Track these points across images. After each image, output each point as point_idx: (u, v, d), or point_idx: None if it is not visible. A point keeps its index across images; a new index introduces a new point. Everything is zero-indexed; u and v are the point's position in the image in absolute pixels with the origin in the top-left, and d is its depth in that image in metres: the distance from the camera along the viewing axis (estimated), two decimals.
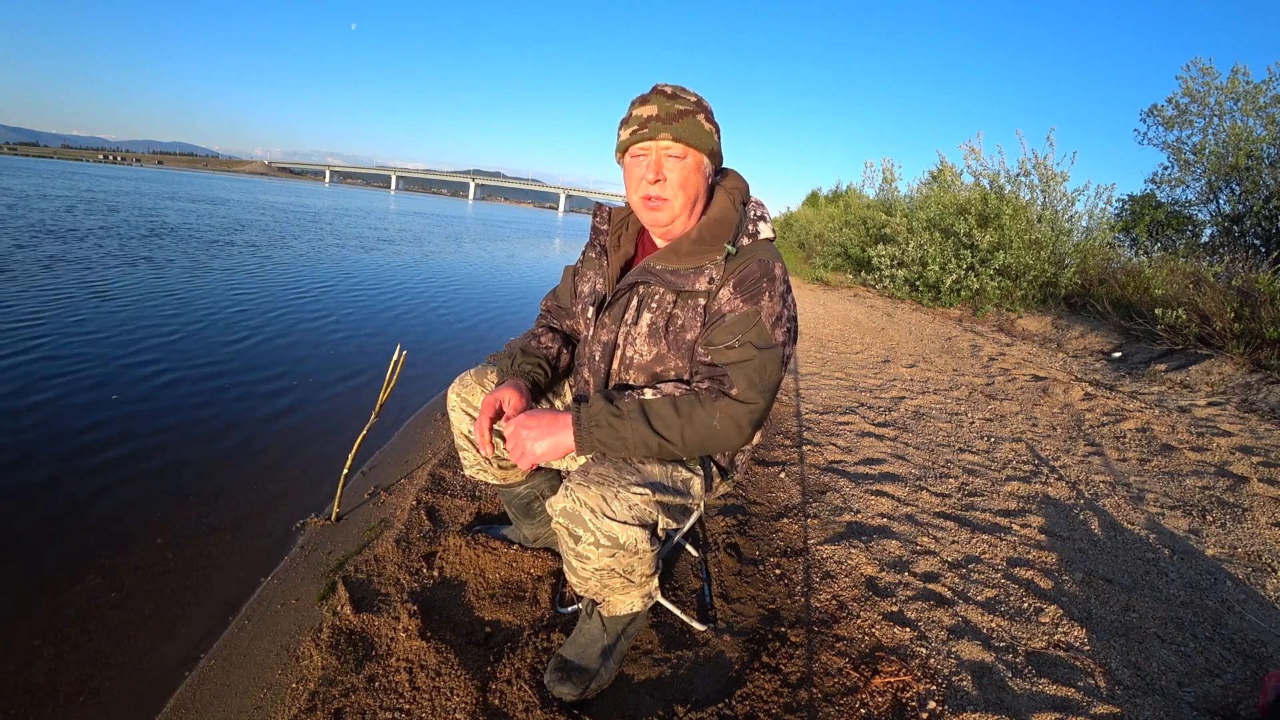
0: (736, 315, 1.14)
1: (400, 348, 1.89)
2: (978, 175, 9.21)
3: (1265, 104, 7.76)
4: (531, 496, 1.60)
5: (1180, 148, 8.90)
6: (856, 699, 1.33)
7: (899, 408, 3.58)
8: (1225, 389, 4.02)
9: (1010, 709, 1.32)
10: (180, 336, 3.88)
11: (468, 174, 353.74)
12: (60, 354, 3.27)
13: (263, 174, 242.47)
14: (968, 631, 1.57)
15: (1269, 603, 1.80)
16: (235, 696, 1.29)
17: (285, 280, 6.38)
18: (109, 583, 1.63)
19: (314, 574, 1.69)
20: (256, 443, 2.54)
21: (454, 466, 2.31)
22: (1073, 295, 7.30)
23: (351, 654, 1.35)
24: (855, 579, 1.77)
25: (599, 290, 1.32)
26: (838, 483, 2.44)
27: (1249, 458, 2.83)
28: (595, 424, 1.11)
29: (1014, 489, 2.51)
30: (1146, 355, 4.98)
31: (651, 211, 1.20)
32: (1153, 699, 1.38)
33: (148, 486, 2.12)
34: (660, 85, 1.18)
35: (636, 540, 1.10)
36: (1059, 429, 3.36)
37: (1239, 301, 4.61)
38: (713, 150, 1.20)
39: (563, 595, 1.59)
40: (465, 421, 1.42)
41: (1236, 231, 8.37)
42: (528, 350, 1.40)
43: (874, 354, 5.16)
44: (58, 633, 1.44)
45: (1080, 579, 1.85)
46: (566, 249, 17.52)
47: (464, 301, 6.56)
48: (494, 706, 1.23)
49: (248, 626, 1.50)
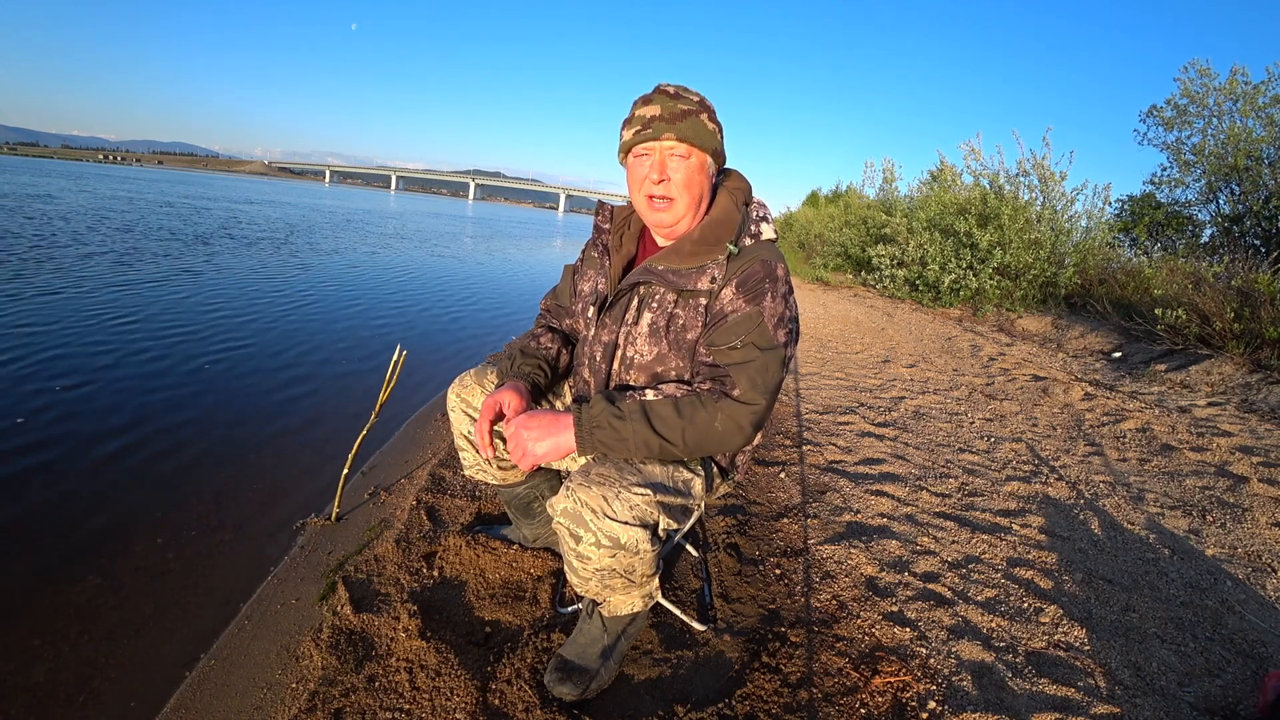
0: (739, 316, 1.13)
1: (400, 348, 1.89)
2: (977, 175, 9.22)
3: (1264, 104, 7.77)
4: (531, 497, 1.60)
5: (1180, 148, 8.91)
6: (856, 699, 1.33)
7: (899, 408, 3.58)
8: (1225, 389, 4.02)
9: (1010, 709, 1.32)
10: (179, 338, 3.88)
11: (468, 174, 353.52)
12: (60, 354, 3.27)
13: (263, 174, 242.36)
14: (968, 631, 1.57)
15: (1269, 603, 1.80)
16: (235, 696, 1.28)
17: (317, 282, 6.39)
18: (109, 583, 1.62)
19: (314, 574, 1.69)
20: (257, 442, 2.54)
21: (454, 466, 2.31)
22: (1073, 295, 7.31)
23: (351, 654, 1.35)
24: (855, 579, 1.77)
25: (600, 290, 1.32)
26: (838, 483, 2.44)
27: (1249, 458, 2.83)
28: (596, 425, 1.11)
29: (1014, 489, 2.51)
30: (1146, 355, 4.98)
31: (656, 212, 1.20)
32: (1153, 699, 1.39)
33: (148, 486, 2.11)
34: (663, 85, 1.18)
35: (637, 540, 1.10)
36: (1059, 429, 3.36)
37: (1239, 301, 4.61)
38: (716, 150, 1.20)
39: (563, 595, 1.59)
40: (465, 422, 1.42)
41: (1236, 232, 8.38)
42: (527, 351, 1.39)
43: (874, 354, 5.16)
44: (58, 633, 1.44)
45: (1080, 579, 1.85)
46: (567, 249, 17.51)
47: (465, 301, 6.56)
48: (494, 706, 1.23)
49: (248, 626, 1.50)
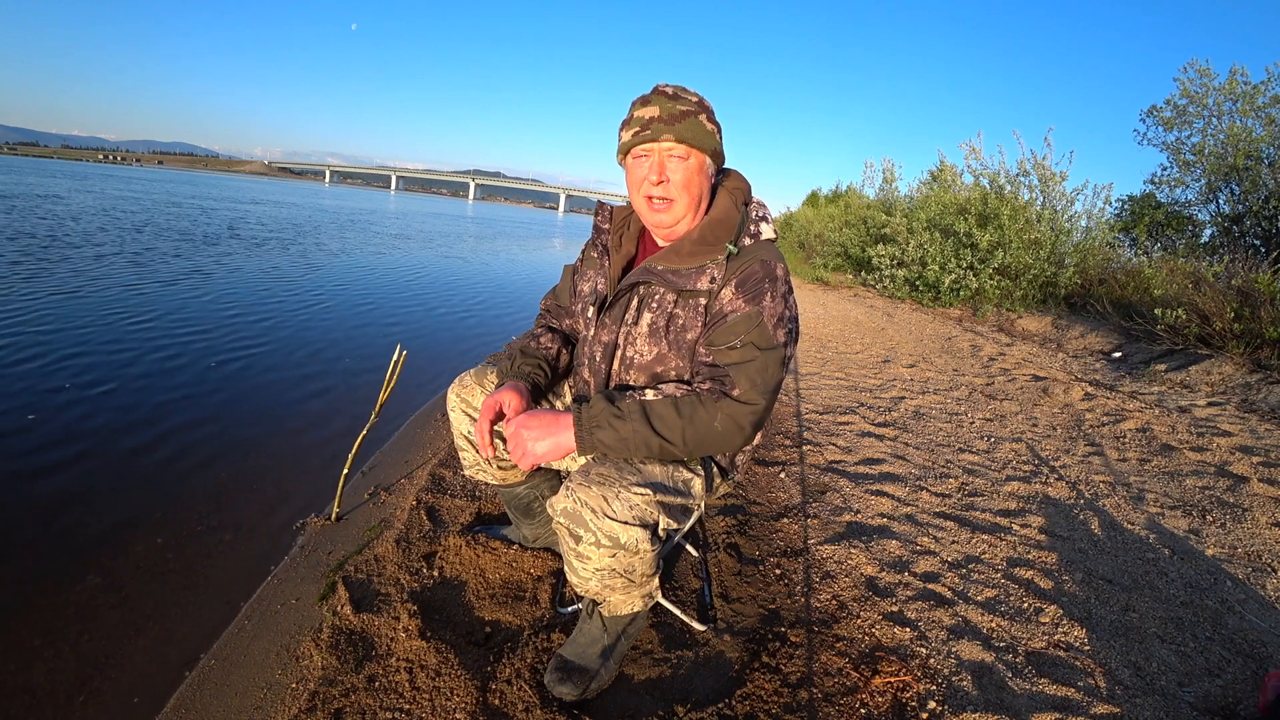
0: (738, 316, 1.13)
1: (400, 347, 1.89)
2: (978, 175, 9.22)
3: (1263, 104, 7.76)
4: (531, 497, 1.60)
5: (1179, 148, 8.90)
6: (856, 699, 1.33)
7: (899, 408, 3.58)
8: (1225, 389, 4.02)
9: (1010, 709, 1.32)
10: (191, 338, 3.88)
11: (468, 174, 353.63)
12: (61, 354, 3.27)
13: (263, 174, 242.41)
14: (968, 631, 1.57)
15: (1269, 603, 1.80)
16: (235, 696, 1.29)
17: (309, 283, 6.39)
18: (109, 583, 1.63)
19: (314, 574, 1.69)
20: (257, 443, 2.54)
21: (454, 466, 2.31)
22: (1073, 295, 7.31)
23: (351, 654, 1.35)
24: (855, 579, 1.77)
25: (600, 290, 1.32)
26: (838, 483, 2.44)
27: (1249, 458, 2.83)
28: (596, 425, 1.11)
29: (1014, 489, 2.51)
30: (1146, 355, 4.98)
31: (655, 213, 1.20)
32: (1153, 699, 1.39)
33: (148, 486, 2.12)
34: (661, 86, 1.18)
35: (637, 540, 1.10)
36: (1059, 429, 3.36)
37: (1239, 301, 4.61)
38: (715, 150, 1.20)
39: (563, 595, 1.59)
40: (465, 422, 1.42)
41: (1236, 231, 8.38)
42: (527, 351, 1.39)
43: (874, 354, 5.16)
44: (58, 633, 1.44)
45: (1080, 579, 1.85)
46: (567, 249, 17.52)
47: (466, 300, 6.56)
48: (494, 706, 1.23)
49: (248, 626, 1.50)
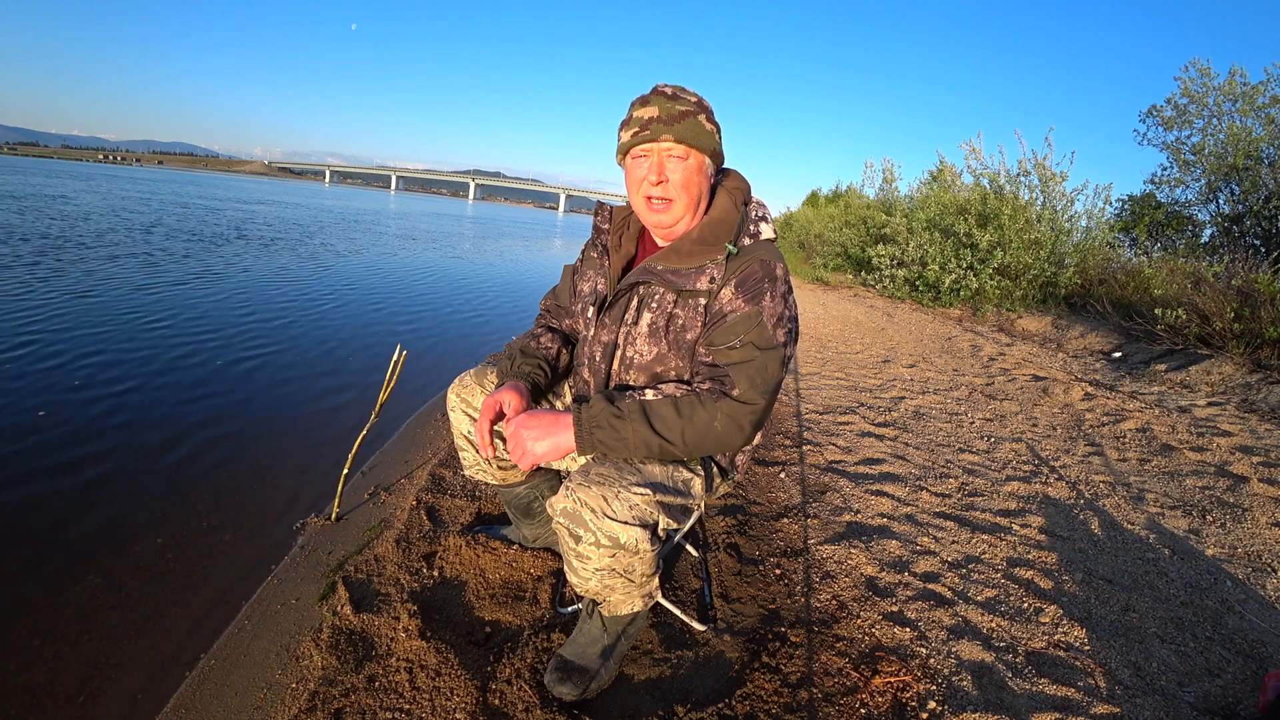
0: (738, 315, 1.13)
1: (400, 347, 1.89)
2: (978, 175, 9.21)
3: (1263, 104, 7.76)
4: (531, 497, 1.60)
5: (1179, 148, 8.90)
6: (856, 699, 1.33)
7: (899, 408, 3.58)
8: (1225, 389, 4.02)
9: (1010, 709, 1.32)
10: (178, 339, 3.88)
11: (468, 174, 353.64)
12: (60, 354, 3.27)
13: (263, 174, 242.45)
14: (968, 631, 1.57)
15: (1269, 603, 1.80)
16: (235, 696, 1.29)
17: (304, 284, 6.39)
18: (109, 583, 1.62)
19: (314, 574, 1.69)
20: (257, 443, 2.54)
21: (454, 466, 2.31)
22: (1073, 295, 7.31)
23: (351, 654, 1.35)
24: (855, 579, 1.77)
25: (600, 290, 1.32)
26: (838, 483, 2.44)
27: (1249, 458, 2.83)
28: (596, 424, 1.11)
29: (1014, 489, 2.51)
30: (1146, 355, 4.98)
31: (655, 213, 1.20)
32: (1153, 699, 1.39)
33: (148, 486, 2.12)
34: (660, 86, 1.18)
35: (637, 540, 1.10)
36: (1059, 429, 3.36)
37: (1239, 301, 4.61)
38: (714, 150, 1.20)
39: (563, 595, 1.59)
40: (465, 422, 1.42)
41: (1236, 231, 8.37)
42: (527, 351, 1.40)
43: (874, 354, 5.16)
44: (58, 633, 1.44)
45: (1080, 579, 1.85)
46: (568, 249, 17.52)
47: (472, 301, 6.56)
48: (494, 706, 1.23)
49: (248, 626, 1.50)
